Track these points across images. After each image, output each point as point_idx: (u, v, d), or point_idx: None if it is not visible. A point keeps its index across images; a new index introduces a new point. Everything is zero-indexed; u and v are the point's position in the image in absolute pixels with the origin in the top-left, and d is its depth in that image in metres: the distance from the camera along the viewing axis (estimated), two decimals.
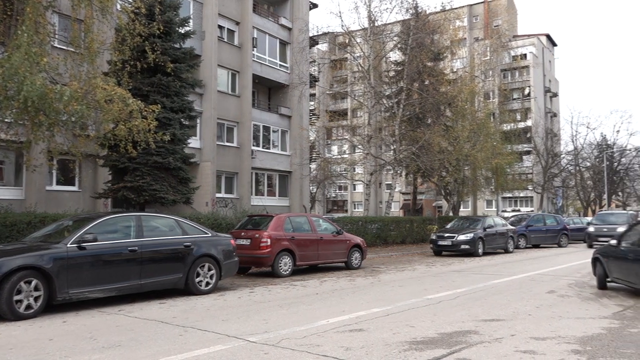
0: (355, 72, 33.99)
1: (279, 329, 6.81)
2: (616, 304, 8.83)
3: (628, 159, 61.45)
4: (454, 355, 5.53)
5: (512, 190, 45.43)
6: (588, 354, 5.58)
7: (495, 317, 7.63)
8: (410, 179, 36.84)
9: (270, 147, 28.19)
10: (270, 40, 28.03)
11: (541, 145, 50.15)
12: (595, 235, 24.48)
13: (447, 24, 29.34)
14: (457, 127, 28.50)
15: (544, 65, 66.07)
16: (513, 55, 59.99)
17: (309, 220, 14.56)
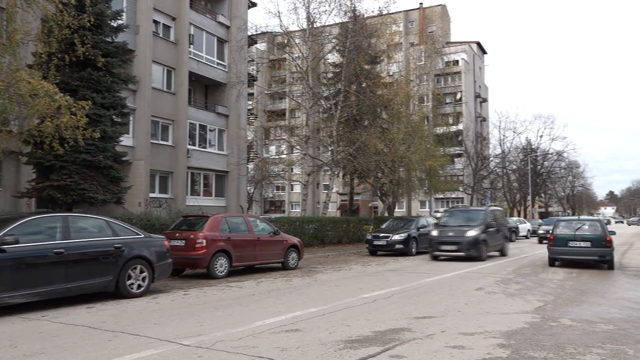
0: (293, 73, 34.02)
1: (213, 331, 6.70)
2: (538, 300, 9.34)
3: (550, 163, 65.31)
4: (387, 352, 5.65)
5: (444, 191, 47.11)
6: (512, 347, 5.87)
7: (427, 314, 7.86)
8: (347, 179, 37.30)
9: (206, 147, 27.68)
10: (207, 38, 27.53)
11: (471, 149, 52.22)
12: None
13: (384, 28, 29.93)
14: (392, 130, 29.14)
15: (474, 71, 68.85)
16: (446, 61, 62.23)
17: (245, 220, 14.42)
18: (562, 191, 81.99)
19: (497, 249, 19.10)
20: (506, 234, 20.69)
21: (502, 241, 19.57)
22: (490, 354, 5.57)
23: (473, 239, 17.18)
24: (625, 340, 6.26)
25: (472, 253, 16.98)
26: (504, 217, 21.25)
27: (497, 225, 19.07)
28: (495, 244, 18.56)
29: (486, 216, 18.44)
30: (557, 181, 74.20)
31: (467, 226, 17.68)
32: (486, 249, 17.48)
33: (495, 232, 18.73)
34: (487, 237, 17.63)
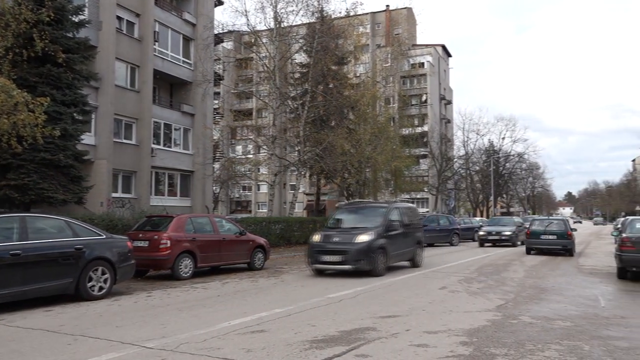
0: (260, 72, 33.84)
1: (177, 333, 6.60)
2: (499, 298, 9.56)
3: (512, 164, 66.98)
4: (352, 352, 5.68)
5: (410, 192, 47.72)
6: (474, 345, 5.99)
7: (392, 313, 7.95)
8: (314, 180, 37.34)
9: (171, 146, 27.24)
10: (173, 35, 27.10)
11: (436, 150, 53.06)
12: None
13: (351, 29, 30.07)
14: (359, 130, 29.32)
15: (439, 74, 69.98)
16: (412, 63, 62.92)
17: (211, 221, 14.27)
18: (523, 192, 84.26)
19: (405, 258, 14.82)
20: (419, 239, 15.80)
21: (413, 248, 15.08)
22: (454, 352, 5.67)
23: (365, 246, 12.59)
24: (582, 337, 6.47)
25: (363, 266, 12.50)
26: (416, 216, 16.58)
27: (403, 227, 14.41)
28: (400, 251, 14.12)
29: (387, 215, 13.91)
30: (518, 182, 76.19)
31: (359, 229, 13.30)
32: (385, 260, 13.06)
33: (402, 237, 14.19)
34: (386, 244, 13.08)
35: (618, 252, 12.36)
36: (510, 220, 29.45)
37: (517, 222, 29.11)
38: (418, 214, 17.45)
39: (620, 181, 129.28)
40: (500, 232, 26.04)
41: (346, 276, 12.63)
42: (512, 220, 29.44)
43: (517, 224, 28.24)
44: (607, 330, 6.84)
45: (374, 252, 12.64)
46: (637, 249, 11.69)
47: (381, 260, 12.90)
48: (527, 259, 18.24)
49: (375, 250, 12.68)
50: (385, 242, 13.10)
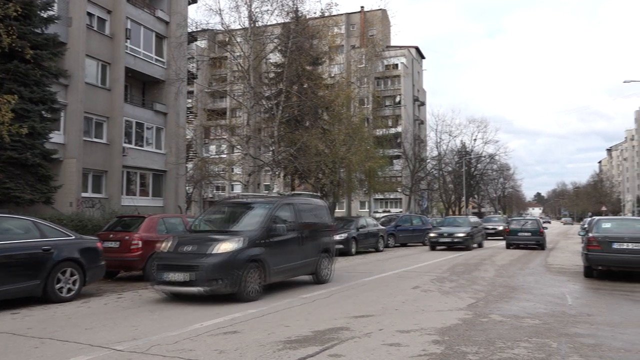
0: (234, 72, 33.58)
1: (149, 335, 6.51)
2: (470, 297, 9.71)
3: (483, 165, 68.03)
4: (326, 352, 5.69)
5: (384, 192, 48.04)
6: (446, 343, 6.07)
7: (366, 313, 7.99)
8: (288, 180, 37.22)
9: (143, 145, 26.82)
10: (145, 33, 26.69)
11: (409, 151, 53.53)
12: None
13: (325, 30, 30.10)
14: (333, 131, 29.38)
15: (413, 75, 70.64)
16: (386, 65, 63.43)
17: (184, 221, 14.10)
18: (494, 192, 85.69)
19: (302, 272, 11.24)
20: (328, 245, 12.11)
21: (316, 258, 11.36)
22: (425, 350, 5.74)
23: (225, 259, 8.88)
24: (549, 334, 6.62)
25: (220, 288, 8.77)
26: (323, 215, 12.39)
27: (300, 230, 10.87)
28: (292, 264, 10.53)
29: (272, 213, 10.21)
30: (489, 183, 77.44)
31: (226, 234, 9.76)
32: (262, 277, 9.47)
33: (296, 244, 10.67)
34: (265, 254, 9.53)
35: (585, 251, 12.68)
36: (465, 221, 26.02)
37: (474, 223, 26.07)
38: (326, 211, 12.77)
39: (587, 182, 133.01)
40: (453, 234, 23.08)
41: None
42: (467, 221, 25.98)
43: (473, 224, 25.33)
44: (574, 328, 7.01)
45: (241, 268, 8.88)
46: (603, 249, 12.01)
47: (253, 279, 9.17)
48: (497, 259, 18.57)
49: (242, 264, 8.93)
50: (262, 251, 9.45)
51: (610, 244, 11.93)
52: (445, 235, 23.25)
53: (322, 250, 11.77)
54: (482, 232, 26.56)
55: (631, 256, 11.72)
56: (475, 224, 26.01)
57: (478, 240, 24.95)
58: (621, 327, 7.16)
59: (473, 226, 24.79)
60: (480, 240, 25.45)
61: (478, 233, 25.16)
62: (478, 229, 25.62)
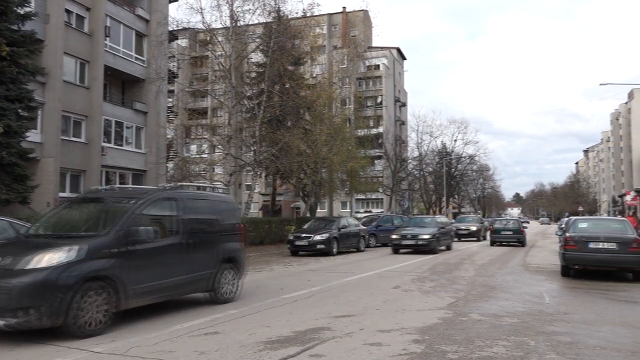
0: (216, 71, 33.41)
1: (128, 336, 6.44)
2: (450, 296, 9.80)
3: (463, 165, 68.76)
4: (307, 352, 5.70)
5: (365, 192, 48.26)
6: (426, 342, 6.12)
7: (347, 313, 8.01)
8: (269, 180, 37.20)
9: (123, 144, 26.50)
10: (125, 31, 26.37)
11: (391, 151, 53.82)
12: None
13: (307, 30, 30.12)
14: (315, 131, 29.41)
15: (394, 76, 71.02)
16: (367, 65, 63.71)
17: None
18: (474, 193, 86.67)
19: (195, 289, 8.59)
20: (231, 253, 9.30)
21: (212, 271, 8.70)
22: (406, 350, 5.78)
23: (42, 279, 6.23)
24: (527, 332, 6.72)
25: (31, 320, 6.11)
26: (230, 212, 9.72)
27: (188, 233, 8.26)
28: (168, 281, 7.82)
29: (135, 211, 7.57)
30: (469, 183, 78.34)
31: (58, 240, 7.09)
32: (111, 301, 6.84)
33: (177, 252, 8.03)
34: (118, 268, 7.00)
35: (562, 250, 12.90)
36: (432, 221, 23.43)
37: (441, 223, 23.60)
38: (232, 208, 9.98)
39: (565, 183, 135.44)
40: (417, 235, 21.00)
41: (302, 276, 12.55)
42: (434, 221, 23.40)
43: (440, 224, 22.91)
44: (551, 326, 7.13)
45: (69, 289, 6.28)
46: (579, 248, 12.24)
47: (92, 306, 6.57)
48: (477, 258, 18.77)
49: (72, 284, 6.33)
50: (113, 265, 6.89)
51: (587, 244, 12.16)
52: (408, 237, 21.12)
53: (224, 259, 8.99)
54: (450, 233, 24.61)
55: (606, 255, 11.96)
56: (443, 225, 23.70)
57: (446, 242, 22.88)
58: (597, 325, 7.30)
59: (440, 227, 22.51)
60: (448, 242, 23.32)
61: (445, 235, 22.96)
62: (445, 230, 23.37)
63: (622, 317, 7.89)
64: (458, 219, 37.90)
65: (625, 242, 11.91)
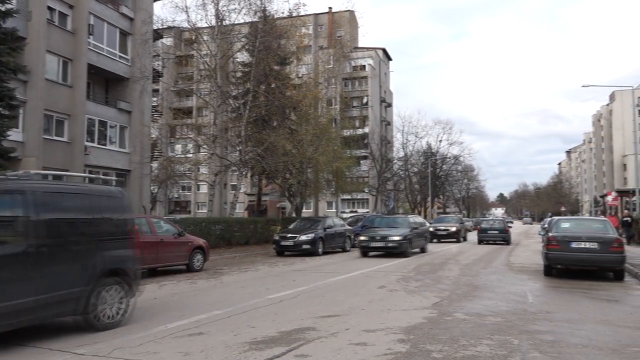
0: (201, 70, 33.23)
1: (110, 338, 6.37)
2: (435, 296, 9.86)
3: (448, 166, 69.21)
4: (292, 352, 5.69)
5: (351, 192, 48.30)
6: (411, 342, 6.15)
7: (332, 313, 8.02)
8: (255, 180, 37.05)
9: (107, 144, 26.23)
10: (109, 29, 26.11)
11: (376, 151, 53.99)
12: None
13: (293, 30, 30.10)
14: (301, 131, 29.39)
15: (380, 76, 71.25)
16: (353, 66, 63.78)
17: (148, 221, 13.88)
18: (459, 193, 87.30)
19: (56, 313, 6.54)
20: (116, 264, 7.31)
21: (83, 288, 6.67)
22: (391, 349, 5.80)
23: None
24: (511, 331, 6.79)
25: None
26: (116, 209, 7.54)
27: (37, 239, 6.12)
28: (8, 305, 5.66)
29: None
30: (454, 183, 78.84)
31: None
32: None
33: (22, 265, 5.91)
34: None
35: (545, 250, 13.05)
36: (404, 221, 21.60)
37: (414, 224, 21.41)
38: (120, 204, 7.70)
39: (548, 183, 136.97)
40: (387, 237, 19.26)
41: (288, 277, 12.56)
42: (407, 221, 21.49)
43: (413, 225, 20.82)
44: (534, 325, 7.20)
45: None
46: (562, 248, 12.39)
47: None
48: (461, 258, 18.90)
49: None
50: None
51: (569, 243, 12.32)
52: (377, 239, 19.40)
53: (104, 272, 7.04)
54: (425, 234, 22.54)
55: (588, 255, 12.12)
56: (417, 225, 21.58)
57: (420, 244, 21.09)
58: (579, 323, 7.40)
59: (413, 227, 20.61)
60: (422, 244, 21.51)
61: (419, 236, 21.13)
62: (420, 230, 21.43)
63: (604, 316, 8.01)
64: (437, 219, 36.49)
65: (606, 242, 12.08)
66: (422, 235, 21.73)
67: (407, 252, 19.02)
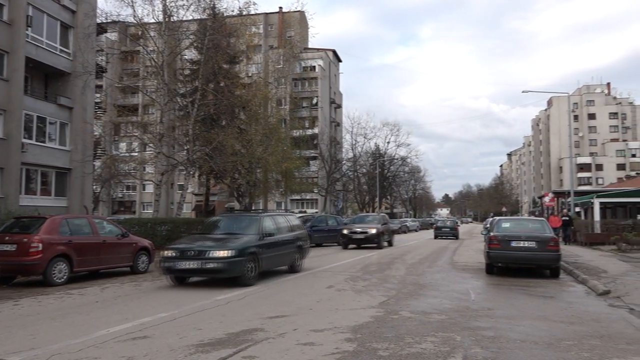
0: (147, 67, 32.39)
1: (49, 344, 6.10)
2: (382, 295, 10.01)
3: (396, 167, 70.55)
4: (239, 354, 5.64)
5: (300, 193, 48.41)
6: (358, 341, 6.22)
7: (281, 313, 8.00)
8: (203, 180, 36.50)
9: (46, 141, 25.10)
10: (49, 21, 25.00)
11: (326, 152, 54.34)
12: None
13: (243, 28, 29.86)
14: (250, 131, 29.19)
15: (330, 78, 71.73)
16: (303, 66, 63.98)
17: (90, 222, 13.39)
18: (406, 194, 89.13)
19: None
20: None
21: None
22: (338, 349, 5.85)
23: None
24: (454, 328, 6.99)
25: None
26: None
27: None
28: None
29: None
30: (401, 184, 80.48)
31: None
32: None
33: None
34: None
35: (487, 249, 13.51)
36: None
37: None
38: None
39: (490, 184, 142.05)
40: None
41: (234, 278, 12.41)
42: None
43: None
44: (476, 322, 7.45)
45: None
46: (502, 247, 12.87)
47: None
48: (407, 258, 19.29)
49: None
50: None
51: (509, 242, 12.82)
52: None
53: None
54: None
55: (527, 253, 12.66)
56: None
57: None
58: (518, 319, 7.71)
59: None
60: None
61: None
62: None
63: (540, 312, 8.38)
64: (354, 219, 29.60)
65: (543, 241, 12.66)
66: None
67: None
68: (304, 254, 14.61)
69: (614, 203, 29.91)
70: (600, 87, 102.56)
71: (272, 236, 12.52)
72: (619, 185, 50.61)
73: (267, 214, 13.69)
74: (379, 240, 24.06)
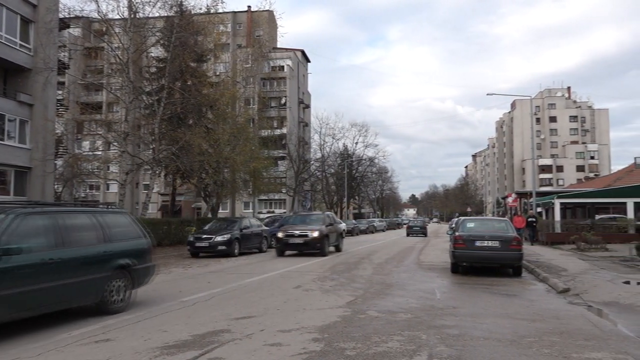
0: (112, 64, 31.67)
1: (7, 348, 5.91)
2: (349, 294, 10.07)
3: (363, 167, 71.02)
4: (205, 355, 5.58)
5: (268, 193, 48.20)
6: (325, 340, 6.24)
7: (247, 314, 7.95)
8: (169, 179, 35.95)
9: (4, 139, 24.27)
10: (8, 15, 24.18)
11: (294, 152, 54.24)
12: None
13: (211, 27, 29.54)
14: (218, 130, 28.89)
15: (298, 78, 71.67)
16: (272, 66, 63.72)
17: None
18: (373, 194, 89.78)
19: None
20: None
21: None
22: (306, 349, 5.85)
23: None
24: (420, 327, 7.08)
25: None
26: None
27: None
28: None
29: None
30: (369, 184, 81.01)
31: None
32: None
33: None
34: None
35: (452, 249, 13.74)
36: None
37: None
38: None
39: (455, 185, 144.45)
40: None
41: (202, 279, 12.29)
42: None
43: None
44: (441, 320, 7.57)
45: None
46: (467, 246, 13.12)
47: None
48: (375, 257, 19.43)
49: None
50: None
51: (473, 242, 13.07)
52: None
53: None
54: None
55: (490, 253, 12.94)
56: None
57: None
58: (481, 317, 7.87)
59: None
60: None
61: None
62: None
63: (503, 310, 8.57)
64: (290, 218, 24.99)
65: (506, 241, 12.96)
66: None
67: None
68: None
69: (574, 203, 30.82)
70: (561, 90, 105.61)
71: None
72: (579, 186, 52.23)
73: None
74: (322, 246, 19.47)
